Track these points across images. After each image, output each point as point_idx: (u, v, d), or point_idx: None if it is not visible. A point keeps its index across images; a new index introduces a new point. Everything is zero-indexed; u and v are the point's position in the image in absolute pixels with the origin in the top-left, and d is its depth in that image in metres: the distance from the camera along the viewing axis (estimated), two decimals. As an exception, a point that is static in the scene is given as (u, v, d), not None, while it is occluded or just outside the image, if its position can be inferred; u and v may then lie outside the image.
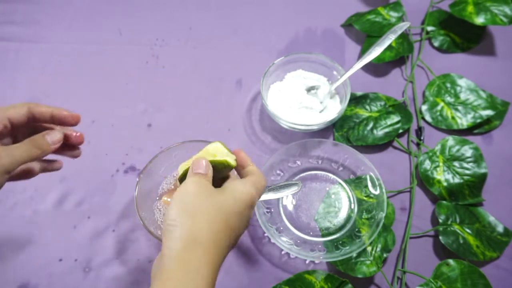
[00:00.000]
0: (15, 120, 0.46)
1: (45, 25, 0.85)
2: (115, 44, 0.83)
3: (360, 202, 0.65)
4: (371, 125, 0.71)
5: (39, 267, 0.62)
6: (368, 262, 0.60)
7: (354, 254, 0.60)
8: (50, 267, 0.62)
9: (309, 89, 0.72)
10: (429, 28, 0.82)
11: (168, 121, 0.74)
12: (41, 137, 0.46)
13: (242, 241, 0.64)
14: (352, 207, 0.65)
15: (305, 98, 0.71)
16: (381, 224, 0.60)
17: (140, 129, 0.74)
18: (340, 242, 0.62)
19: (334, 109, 0.71)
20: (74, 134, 0.50)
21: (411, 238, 0.64)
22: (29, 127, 0.49)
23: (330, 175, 0.68)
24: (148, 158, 0.61)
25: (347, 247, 0.60)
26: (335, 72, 0.72)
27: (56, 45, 0.83)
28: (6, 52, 0.81)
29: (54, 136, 0.47)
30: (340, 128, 0.72)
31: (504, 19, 0.74)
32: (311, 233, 0.64)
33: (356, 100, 0.74)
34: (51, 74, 0.79)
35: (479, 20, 0.75)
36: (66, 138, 0.49)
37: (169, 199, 0.62)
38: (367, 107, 0.73)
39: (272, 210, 0.65)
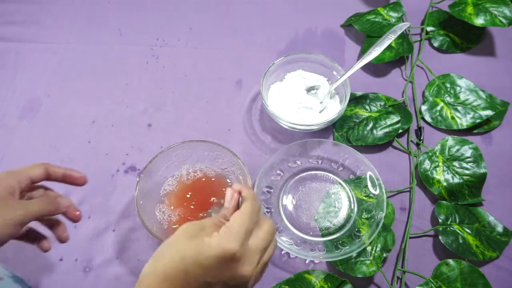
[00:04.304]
0: (35, 179, 0.50)
1: (45, 26, 0.85)
2: (115, 44, 0.83)
3: (360, 202, 0.65)
4: (371, 125, 0.71)
5: (39, 267, 0.62)
6: (368, 262, 0.60)
7: (354, 254, 0.60)
8: (50, 267, 0.62)
9: (309, 89, 0.73)
10: (429, 29, 0.82)
11: (168, 121, 0.75)
12: (54, 198, 0.51)
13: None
14: (352, 207, 0.66)
15: (305, 98, 0.71)
16: (381, 224, 0.60)
17: (140, 129, 0.74)
18: (340, 242, 0.62)
19: (334, 109, 0.71)
20: (75, 212, 0.53)
21: (411, 238, 0.64)
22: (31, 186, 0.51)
23: (330, 175, 0.68)
24: (148, 158, 0.61)
25: (347, 247, 0.60)
26: (335, 72, 0.72)
27: (57, 45, 0.83)
28: (6, 52, 0.82)
29: (64, 200, 0.51)
30: (340, 128, 0.72)
31: (504, 21, 0.74)
32: (311, 233, 0.64)
33: (356, 100, 0.74)
34: (52, 74, 0.80)
35: (479, 21, 0.75)
36: (65, 212, 0.52)
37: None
38: (367, 107, 0.73)
39: (272, 210, 0.65)
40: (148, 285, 0.39)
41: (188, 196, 0.63)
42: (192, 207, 0.62)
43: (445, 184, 0.66)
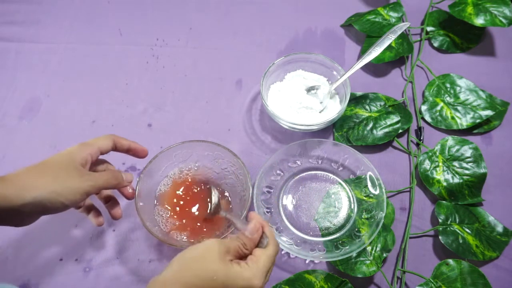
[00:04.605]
0: (104, 150, 0.54)
1: (45, 26, 0.85)
2: (115, 44, 0.83)
3: (360, 202, 0.65)
4: (371, 125, 0.71)
5: (39, 267, 0.62)
6: (368, 262, 0.60)
7: (354, 254, 0.60)
8: (50, 267, 0.62)
9: (309, 89, 0.73)
10: (429, 29, 0.82)
11: (168, 121, 0.75)
12: (119, 172, 0.55)
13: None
14: (352, 207, 0.66)
15: (305, 98, 0.71)
16: (381, 224, 0.60)
17: (140, 129, 0.74)
18: (340, 242, 0.62)
19: (334, 109, 0.71)
20: (130, 190, 0.58)
21: (411, 238, 0.64)
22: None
23: (330, 175, 0.68)
24: (148, 158, 0.61)
25: (347, 247, 0.60)
26: (335, 72, 0.72)
27: (57, 45, 0.83)
28: (6, 52, 0.82)
29: (128, 176, 0.56)
30: (340, 128, 0.72)
31: (504, 21, 0.74)
32: (311, 233, 0.64)
33: (356, 100, 0.74)
34: (52, 74, 0.79)
35: (479, 21, 0.75)
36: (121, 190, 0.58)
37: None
38: (367, 107, 0.73)
39: (272, 210, 0.65)
40: None
41: (185, 195, 0.63)
42: (192, 208, 0.62)
43: (445, 184, 0.66)
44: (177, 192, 0.63)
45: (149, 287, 0.43)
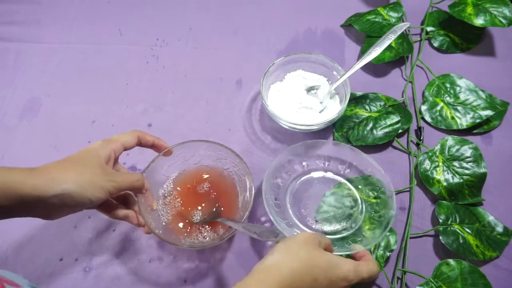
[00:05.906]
0: (128, 147, 0.55)
1: (45, 26, 0.85)
2: (115, 44, 0.83)
3: (366, 201, 0.65)
4: (370, 125, 0.71)
5: (39, 267, 0.62)
6: (368, 261, 0.60)
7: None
8: (50, 267, 0.62)
9: (309, 89, 0.73)
10: (429, 29, 0.82)
11: (168, 121, 0.75)
12: (142, 178, 0.55)
13: (242, 241, 0.64)
14: (357, 206, 0.65)
15: (305, 98, 0.71)
16: (390, 223, 0.58)
17: (140, 129, 0.73)
18: (345, 241, 0.62)
19: (334, 109, 0.71)
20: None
21: (411, 238, 0.64)
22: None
23: (336, 176, 0.68)
24: (149, 158, 0.61)
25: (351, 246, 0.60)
26: (335, 72, 0.72)
27: (57, 45, 0.83)
28: (7, 52, 0.82)
29: (147, 184, 0.56)
30: (340, 128, 0.72)
31: (503, 21, 0.74)
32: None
33: (356, 100, 0.74)
34: (52, 74, 0.79)
35: (478, 21, 0.75)
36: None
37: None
38: (367, 107, 0.73)
39: (278, 210, 0.64)
40: (274, 277, 0.44)
41: (186, 195, 0.63)
42: (193, 208, 0.62)
43: (445, 184, 0.66)
44: (179, 192, 0.63)
45: (254, 273, 0.45)
